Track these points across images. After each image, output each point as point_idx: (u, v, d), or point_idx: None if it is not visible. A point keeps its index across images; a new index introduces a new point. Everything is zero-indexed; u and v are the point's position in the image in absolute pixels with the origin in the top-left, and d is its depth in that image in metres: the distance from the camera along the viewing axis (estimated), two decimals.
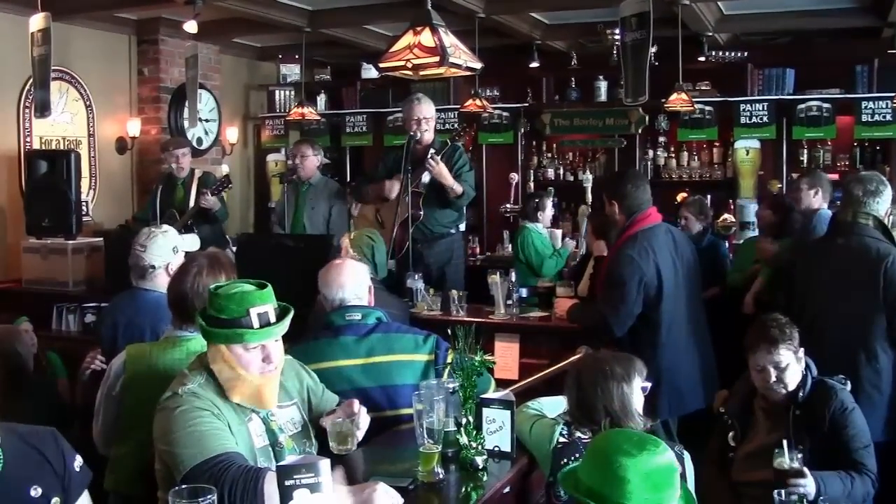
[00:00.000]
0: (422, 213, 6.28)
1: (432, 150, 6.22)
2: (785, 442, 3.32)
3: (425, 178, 6.27)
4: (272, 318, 2.79)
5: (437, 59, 4.42)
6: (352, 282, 3.70)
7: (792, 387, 3.72)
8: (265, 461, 2.76)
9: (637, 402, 3.19)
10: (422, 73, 4.69)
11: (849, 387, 3.87)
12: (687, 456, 3.07)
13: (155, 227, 4.42)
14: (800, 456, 3.24)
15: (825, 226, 5.04)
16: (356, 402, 3.01)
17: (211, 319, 2.81)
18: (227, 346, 2.79)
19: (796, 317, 3.94)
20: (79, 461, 2.50)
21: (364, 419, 2.97)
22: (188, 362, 3.24)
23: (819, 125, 8.72)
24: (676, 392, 4.68)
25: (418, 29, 4.49)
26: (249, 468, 2.58)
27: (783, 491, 2.90)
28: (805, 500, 2.88)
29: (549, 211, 7.68)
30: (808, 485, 3.26)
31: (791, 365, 3.70)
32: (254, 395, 2.81)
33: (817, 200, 6.21)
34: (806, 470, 3.30)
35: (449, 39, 4.48)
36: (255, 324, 2.75)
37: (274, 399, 2.87)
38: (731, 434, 3.85)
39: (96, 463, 3.42)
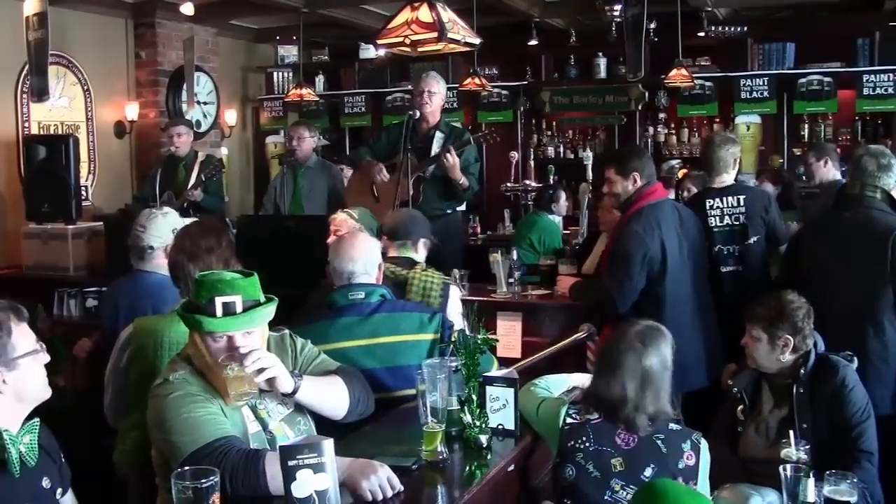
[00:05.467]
0: (421, 197, 6.21)
1: (445, 141, 6.18)
2: (791, 433, 3.30)
3: (432, 167, 6.21)
4: (238, 310, 2.66)
5: (435, 34, 4.35)
6: (363, 256, 3.61)
7: (763, 364, 3.73)
8: (259, 447, 2.69)
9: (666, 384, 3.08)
10: (420, 49, 4.60)
11: (855, 363, 3.84)
12: (704, 445, 3.01)
13: (156, 209, 4.41)
14: (807, 447, 3.22)
15: None
16: (242, 349, 2.70)
17: (187, 304, 2.77)
18: (199, 335, 2.71)
19: (801, 290, 3.88)
20: (62, 455, 2.60)
21: (251, 364, 2.63)
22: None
23: (820, 99, 8.73)
24: (680, 369, 4.62)
25: (416, 4, 4.41)
26: (248, 451, 2.56)
27: (789, 466, 2.88)
28: (811, 474, 2.87)
29: (563, 203, 7.68)
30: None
31: (760, 345, 3.71)
32: (221, 385, 2.70)
33: (829, 171, 6.21)
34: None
35: (447, 15, 4.41)
36: (218, 313, 2.64)
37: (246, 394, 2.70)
38: (739, 408, 3.83)
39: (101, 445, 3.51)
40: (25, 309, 2.48)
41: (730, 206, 5.25)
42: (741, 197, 5.25)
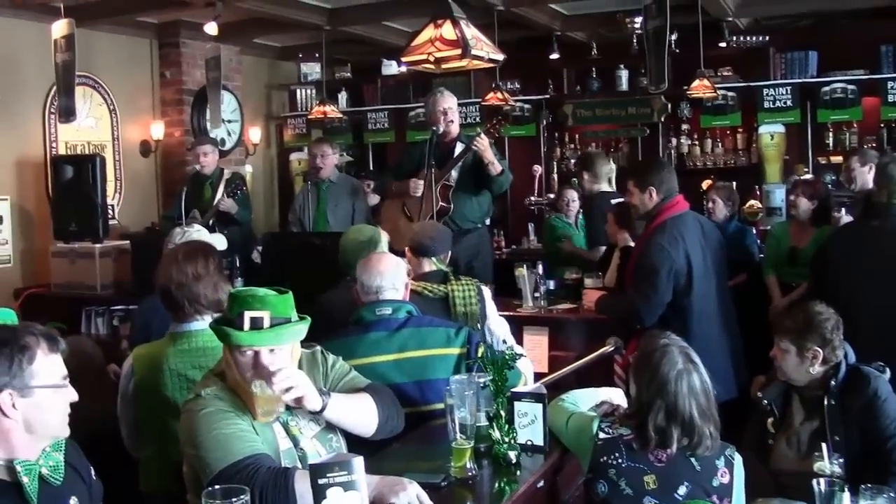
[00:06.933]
0: (451, 206, 6.28)
1: (476, 135, 6.23)
2: (824, 446, 3.25)
3: (454, 171, 6.28)
4: (265, 325, 2.67)
5: (458, 51, 4.38)
6: (391, 271, 3.65)
7: (793, 376, 3.67)
8: (290, 464, 2.70)
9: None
10: (444, 66, 4.65)
11: (887, 374, 3.77)
12: (738, 460, 2.98)
13: (187, 227, 4.43)
14: (841, 461, 3.16)
15: None
16: (270, 367, 2.71)
17: (220, 316, 2.81)
18: (229, 348, 2.74)
19: (829, 301, 3.81)
20: (93, 472, 2.57)
21: (278, 382, 2.65)
22: (193, 356, 3.34)
23: (844, 107, 8.64)
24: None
25: (439, 22, 4.44)
26: (278, 469, 2.56)
27: (823, 480, 2.85)
28: (846, 488, 2.83)
29: (565, 199, 7.60)
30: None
31: (789, 357, 3.65)
32: (251, 402, 2.71)
33: (872, 178, 6.11)
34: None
35: (470, 32, 4.44)
36: (245, 326, 2.67)
37: (268, 416, 2.74)
38: (769, 420, 3.77)
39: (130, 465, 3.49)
40: (63, 340, 2.44)
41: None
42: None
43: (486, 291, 4.46)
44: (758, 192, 8.75)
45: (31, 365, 2.29)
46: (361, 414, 2.92)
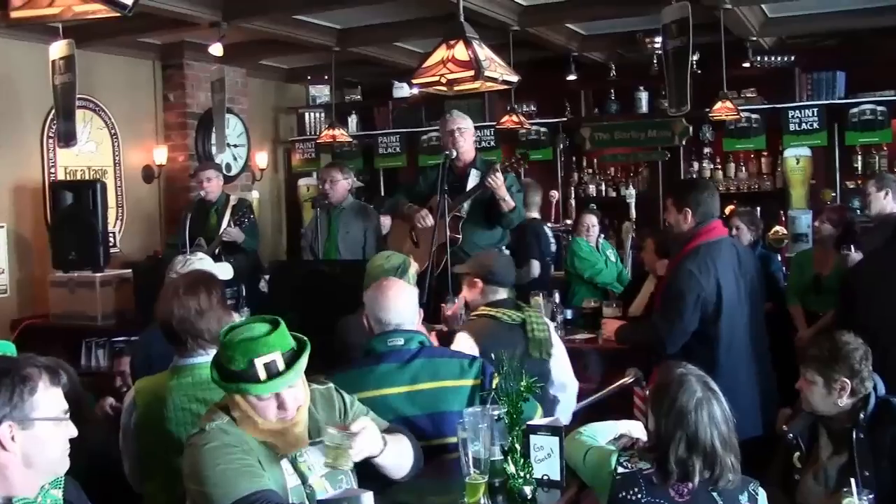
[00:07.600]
0: (460, 237, 6.19)
1: (494, 168, 6.12)
2: (853, 481, 3.12)
3: (466, 203, 6.19)
4: (280, 367, 2.61)
5: (471, 73, 4.28)
6: (408, 309, 3.58)
7: (820, 408, 3.57)
8: (298, 501, 2.68)
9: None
10: (456, 87, 4.56)
11: None
12: (762, 495, 2.94)
13: (190, 255, 4.37)
14: (871, 496, 3.05)
15: None
16: (356, 424, 2.77)
17: (221, 370, 2.68)
18: (241, 396, 2.65)
19: (857, 330, 3.72)
20: None
21: (359, 443, 2.69)
22: (196, 390, 3.26)
23: (873, 129, 8.46)
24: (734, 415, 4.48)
25: (452, 42, 4.35)
26: None
27: None
28: None
29: (585, 224, 7.42)
30: None
31: (816, 388, 3.55)
32: (277, 439, 2.69)
33: (889, 203, 6.05)
34: None
35: (483, 52, 4.35)
36: (262, 375, 2.59)
37: (299, 442, 2.73)
38: (796, 455, 3.67)
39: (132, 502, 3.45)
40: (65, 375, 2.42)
41: (553, 233, 7.16)
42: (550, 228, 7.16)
43: (548, 320, 4.57)
44: (783, 218, 8.64)
45: (31, 397, 2.25)
46: (403, 457, 2.96)
